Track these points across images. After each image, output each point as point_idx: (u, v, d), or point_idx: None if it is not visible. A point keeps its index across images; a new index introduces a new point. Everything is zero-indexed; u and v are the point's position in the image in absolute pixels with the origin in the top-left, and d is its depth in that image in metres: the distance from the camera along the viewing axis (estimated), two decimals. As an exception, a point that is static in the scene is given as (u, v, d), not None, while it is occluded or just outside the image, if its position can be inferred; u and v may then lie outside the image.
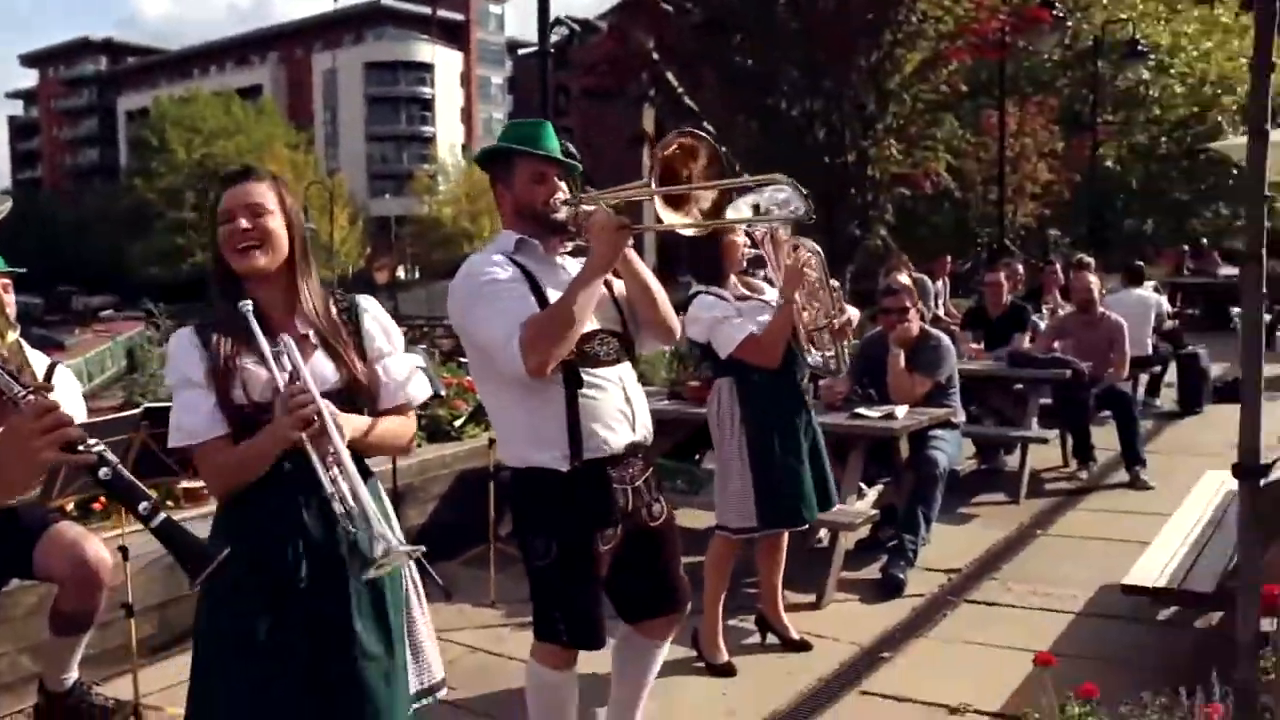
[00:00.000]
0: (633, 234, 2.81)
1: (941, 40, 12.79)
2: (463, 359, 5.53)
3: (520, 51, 72.27)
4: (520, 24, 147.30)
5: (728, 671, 4.25)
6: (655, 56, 13.55)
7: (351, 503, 2.15)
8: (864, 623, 4.76)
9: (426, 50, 73.03)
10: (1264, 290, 2.19)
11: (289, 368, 2.27)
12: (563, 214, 2.91)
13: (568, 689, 3.08)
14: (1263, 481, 2.32)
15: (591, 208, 2.87)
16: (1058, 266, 12.09)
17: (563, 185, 2.96)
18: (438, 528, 4.60)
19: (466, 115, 75.94)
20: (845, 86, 12.52)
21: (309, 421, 2.19)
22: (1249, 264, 2.20)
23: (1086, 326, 7.71)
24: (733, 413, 4.22)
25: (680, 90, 13.73)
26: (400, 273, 55.42)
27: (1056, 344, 7.68)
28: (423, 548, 2.23)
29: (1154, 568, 4.00)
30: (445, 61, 74.31)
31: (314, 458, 2.19)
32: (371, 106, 72.48)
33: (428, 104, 73.67)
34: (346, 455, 2.20)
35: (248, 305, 2.28)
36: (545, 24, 7.02)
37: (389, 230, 62.32)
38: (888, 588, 5.12)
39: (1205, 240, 22.19)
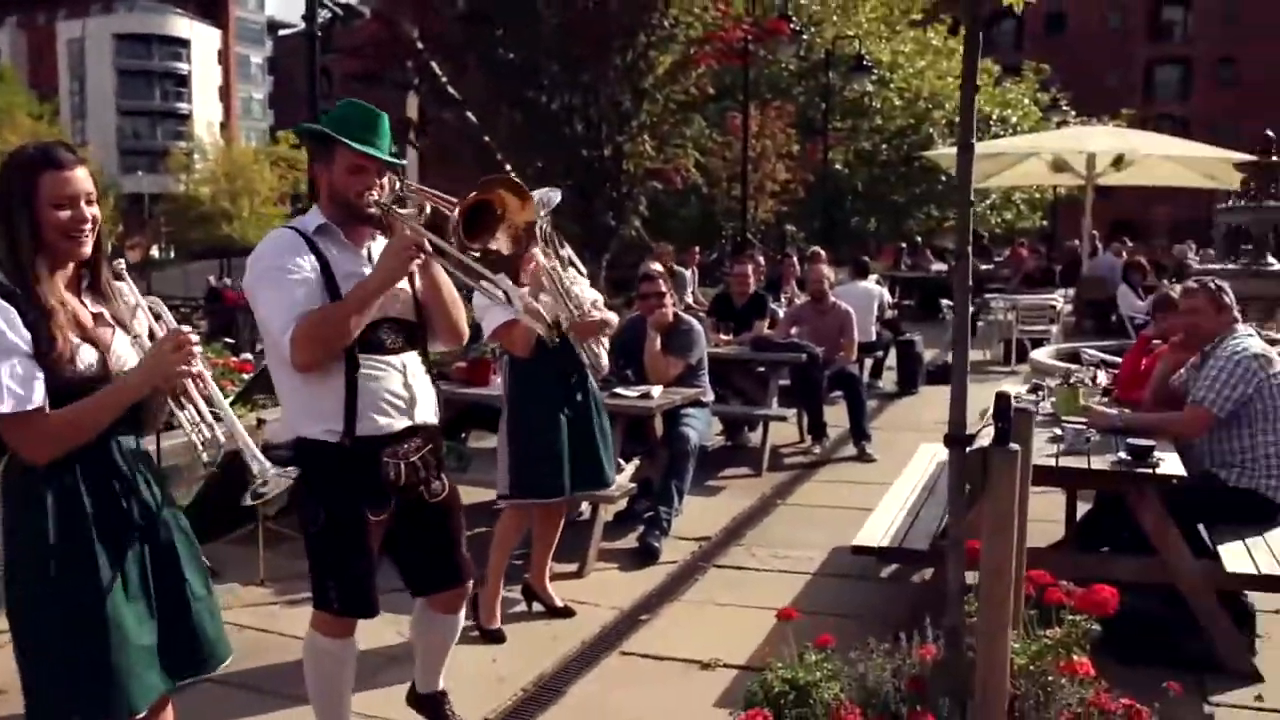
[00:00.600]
0: (424, 255, 2.91)
1: (691, 45, 13.36)
2: (228, 339, 5.47)
3: (281, 32, 69.58)
4: (280, 3, 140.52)
5: (499, 638, 4.46)
6: (420, 44, 13.45)
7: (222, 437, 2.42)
8: (623, 589, 5.07)
9: (182, 25, 69.81)
10: (970, 284, 2.57)
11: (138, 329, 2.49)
12: (374, 210, 2.97)
13: (344, 657, 3.17)
14: (967, 450, 2.71)
15: (405, 212, 2.95)
16: (794, 259, 12.93)
17: (383, 180, 3.00)
18: (205, 507, 4.55)
19: (224, 93, 72.94)
20: (602, 83, 12.84)
21: (191, 359, 2.37)
22: (959, 261, 2.57)
23: (819, 315, 8.38)
24: (505, 391, 4.48)
25: (444, 79, 13.68)
26: (155, 252, 52.10)
27: (793, 330, 8.32)
28: (296, 470, 2.53)
29: (878, 530, 4.47)
30: (202, 37, 71.13)
31: (192, 398, 2.44)
32: (123, 79, 68.37)
33: (183, 80, 70.60)
34: (216, 390, 2.39)
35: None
36: (312, 5, 6.94)
37: (142, 208, 58.48)
38: (645, 556, 5.47)
39: (919, 238, 24.15)
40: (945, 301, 15.16)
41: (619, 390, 5.74)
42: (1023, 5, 2.66)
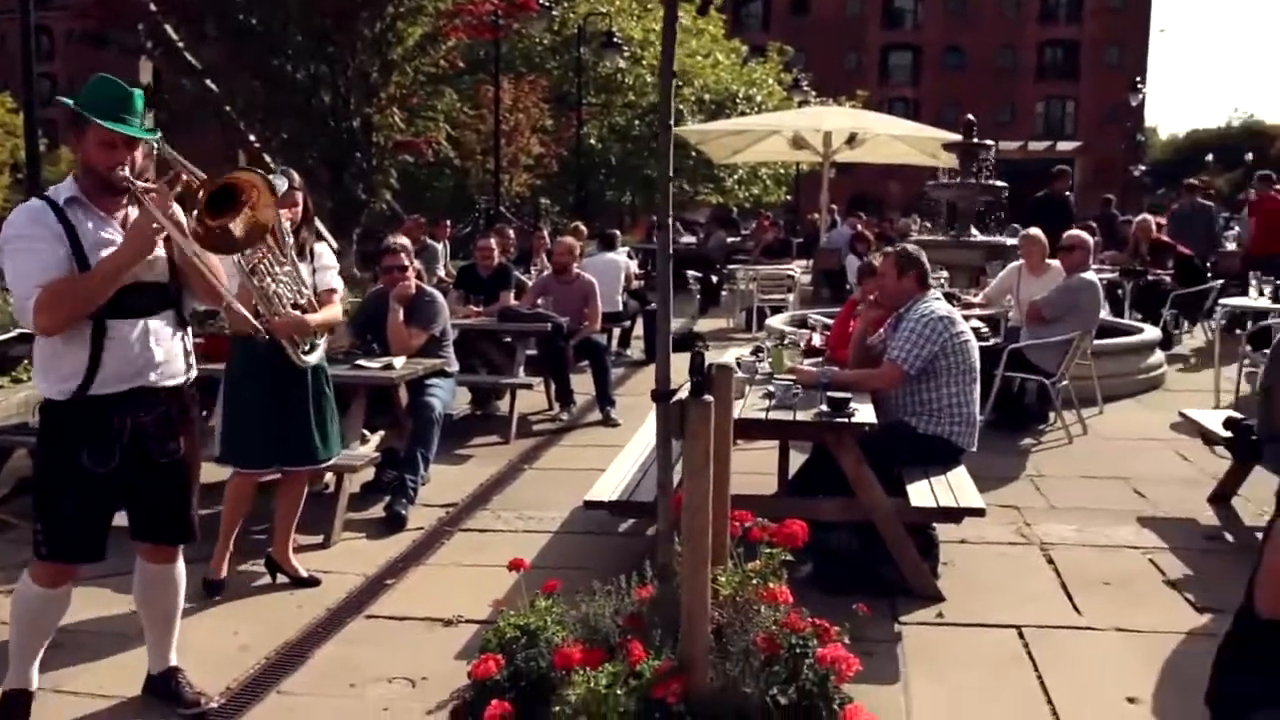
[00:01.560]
0: (164, 234, 3.07)
1: (441, 18, 13.32)
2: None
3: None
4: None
5: (218, 589, 4.58)
6: (153, 6, 12.76)
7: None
8: (370, 556, 5.15)
9: None
10: (670, 253, 2.81)
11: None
12: (124, 184, 3.08)
13: (50, 606, 3.29)
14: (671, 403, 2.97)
15: (152, 186, 3.09)
16: (545, 232, 13.15)
17: (134, 154, 3.12)
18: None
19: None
20: (350, 53, 12.63)
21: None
22: (660, 230, 2.81)
23: (564, 286, 8.63)
24: (225, 363, 4.72)
25: (180, 44, 13.06)
26: None
27: (539, 301, 8.53)
28: None
29: (609, 486, 4.75)
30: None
31: None
32: None
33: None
34: None
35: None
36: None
37: None
38: (391, 523, 5.56)
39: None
40: (691, 272, 15.80)
41: (361, 362, 5.78)
42: None
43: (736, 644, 2.91)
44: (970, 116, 10.65)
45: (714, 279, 16.58)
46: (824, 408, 4.38)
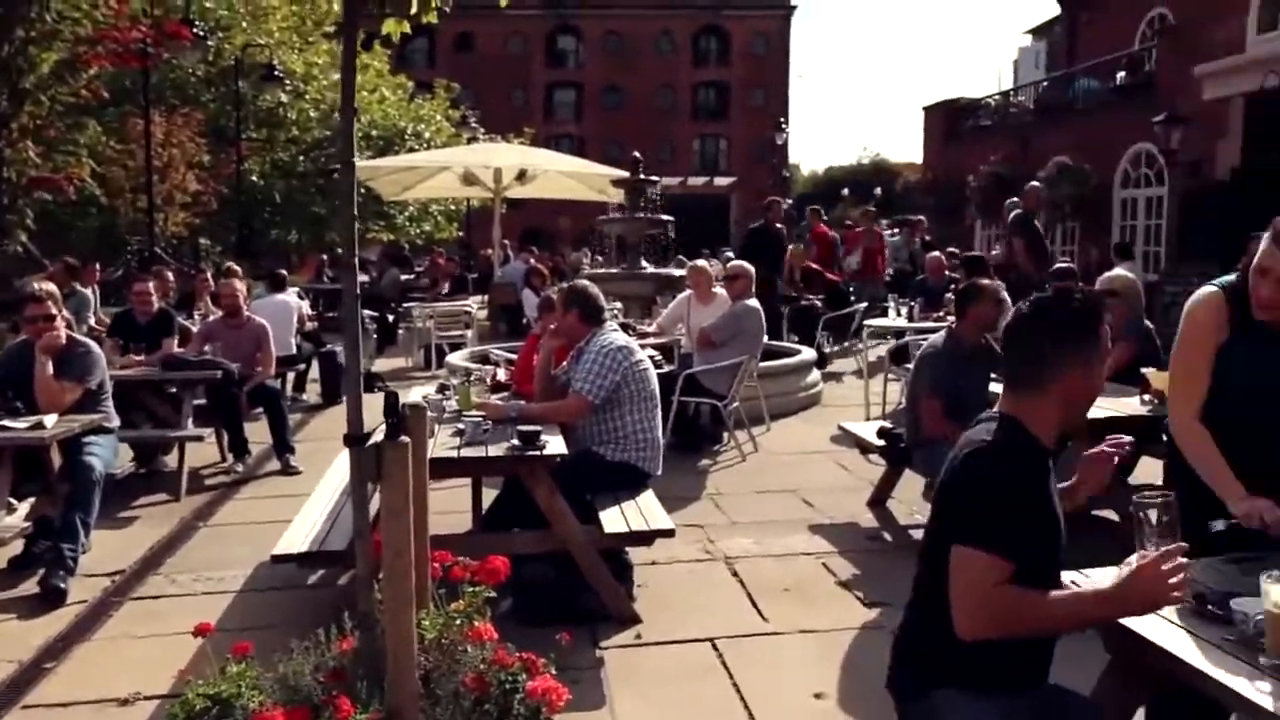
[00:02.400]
0: None
1: (80, 44, 12.29)
2: None
3: None
4: None
5: None
6: None
7: None
8: (23, 639, 4.63)
9: None
10: (358, 294, 2.75)
11: None
12: None
13: None
14: (365, 447, 2.89)
15: None
16: (208, 274, 12.43)
17: None
18: None
19: None
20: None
21: None
22: (345, 272, 2.74)
23: (234, 329, 8.18)
24: None
25: None
26: None
27: (207, 347, 8.04)
28: None
29: (297, 538, 4.54)
30: None
31: None
32: None
33: None
34: None
35: None
36: None
37: None
38: (48, 599, 5.02)
39: (340, 250, 24.23)
40: (367, 312, 15.44)
41: (6, 423, 5.22)
42: (407, 28, 2.86)
43: (445, 687, 2.86)
44: (637, 154, 11.13)
45: (390, 317, 16.28)
46: (515, 442, 4.42)
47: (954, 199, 22.48)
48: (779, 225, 13.28)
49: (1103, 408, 5.24)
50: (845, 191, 52.53)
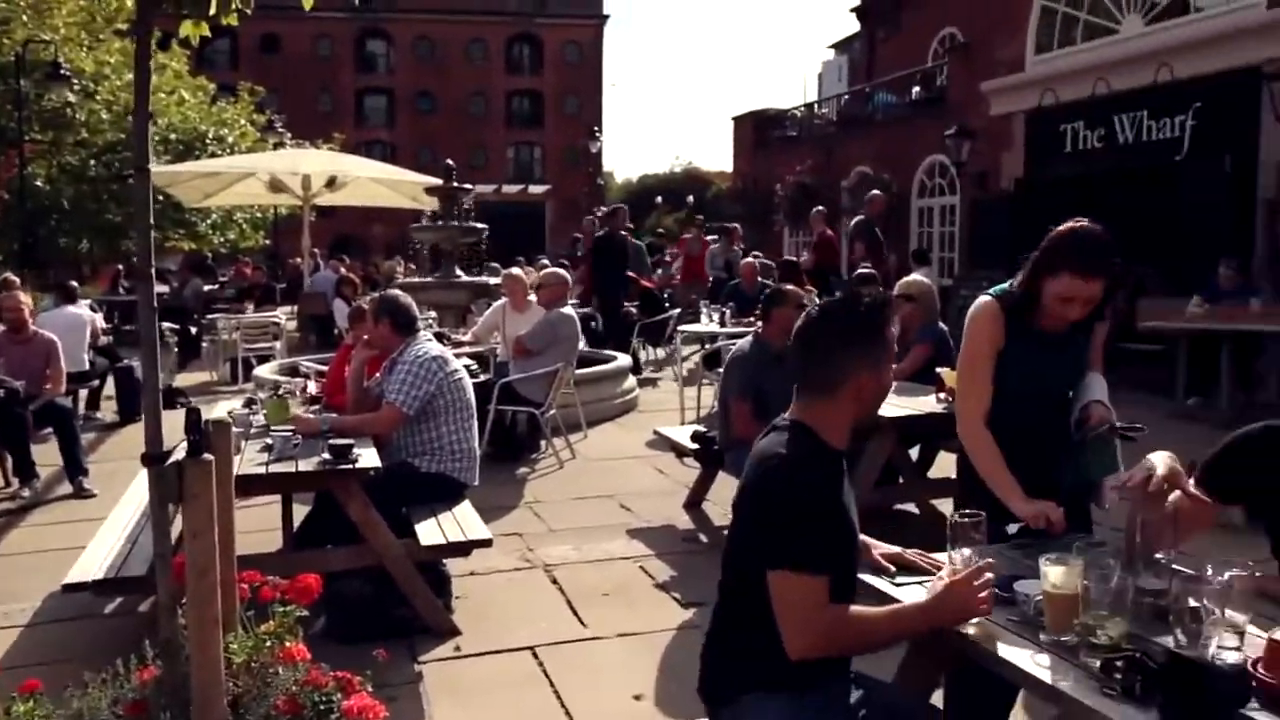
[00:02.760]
0: None
1: None
2: None
3: None
4: None
5: None
6: None
7: None
8: None
9: None
10: (155, 305, 2.62)
11: None
12: None
13: None
14: (165, 465, 2.77)
15: None
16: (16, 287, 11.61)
17: None
18: None
19: None
20: None
21: None
22: (141, 283, 2.62)
23: (20, 345, 7.68)
24: None
25: None
26: None
27: (-9, 364, 7.52)
28: None
29: (93, 564, 4.29)
30: None
31: None
32: None
33: None
34: None
35: None
36: None
37: None
38: None
39: (136, 259, 23.01)
40: (167, 324, 14.74)
41: None
42: (206, 30, 2.76)
43: (256, 712, 2.78)
44: (450, 161, 11.02)
45: (192, 329, 15.59)
46: (326, 456, 4.31)
47: (763, 207, 23.17)
48: (623, 233, 13.49)
49: (902, 406, 5.52)
50: (659, 199, 53.39)
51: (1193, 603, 2.05)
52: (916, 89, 20.42)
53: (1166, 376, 10.43)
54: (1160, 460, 2.60)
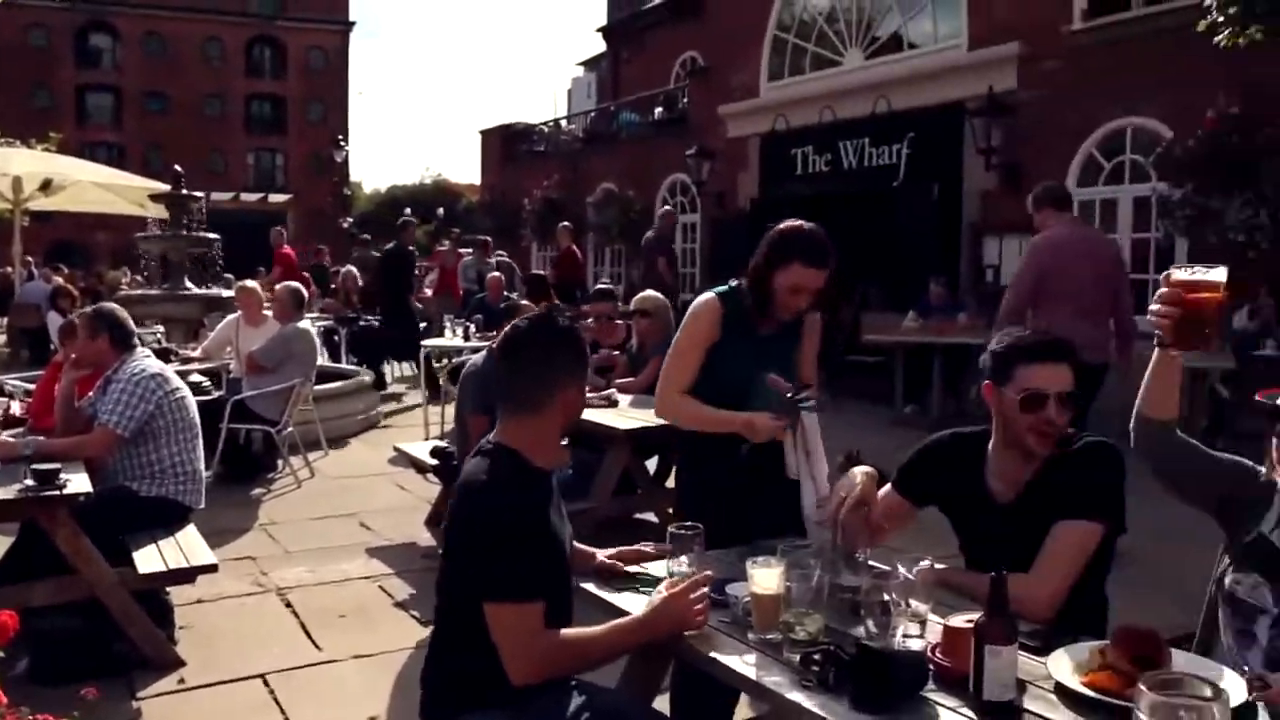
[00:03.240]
0: None
1: None
2: None
3: None
4: None
5: None
6: None
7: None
8: None
9: None
10: None
11: None
12: None
13: None
14: None
15: None
16: None
17: None
18: None
19: None
20: None
21: None
22: None
23: None
24: None
25: None
26: None
27: None
28: None
29: None
30: None
31: None
32: None
33: None
34: None
35: None
36: None
37: None
38: None
39: None
40: None
41: None
42: None
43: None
44: (178, 168, 10.45)
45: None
46: (30, 481, 4.00)
47: (511, 220, 23.21)
48: (411, 246, 13.30)
49: (637, 419, 5.69)
50: (408, 210, 52.62)
51: (884, 596, 2.20)
52: (659, 109, 21.01)
53: (887, 386, 11.19)
54: (859, 475, 2.79)
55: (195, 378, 8.83)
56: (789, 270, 3.20)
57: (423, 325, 13.39)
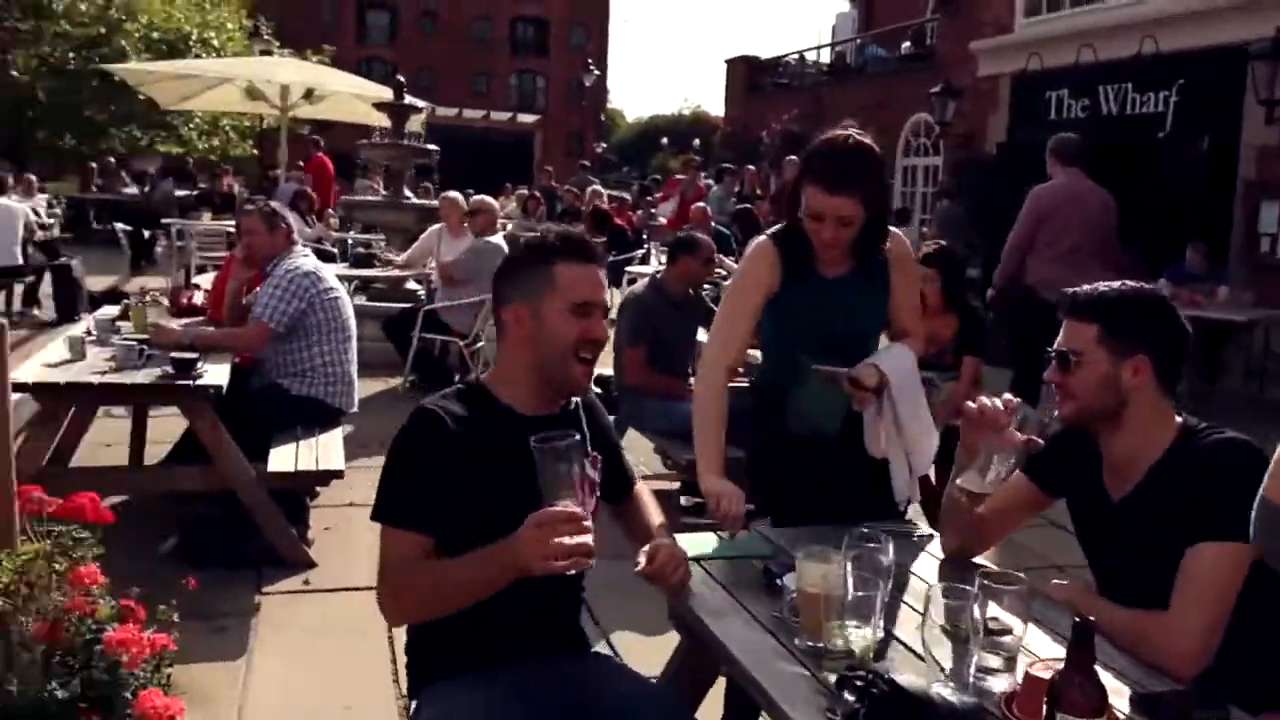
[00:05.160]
0: None
1: None
2: None
3: None
4: None
5: None
6: None
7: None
8: None
9: None
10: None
11: None
12: None
13: None
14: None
15: None
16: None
17: None
18: None
19: None
20: None
21: None
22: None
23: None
24: None
25: None
26: None
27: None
28: None
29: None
30: None
31: None
32: None
33: None
34: None
35: None
36: None
37: None
38: None
39: (114, 160, 22.63)
40: (120, 226, 14.48)
41: None
42: None
43: (10, 638, 2.59)
44: (400, 77, 10.67)
45: (146, 234, 15.28)
46: (168, 369, 4.08)
47: (750, 153, 22.74)
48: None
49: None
50: (664, 141, 52.66)
51: (977, 613, 1.76)
52: (906, 44, 19.89)
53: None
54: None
55: (410, 285, 9.07)
56: (807, 191, 2.68)
57: (639, 253, 13.27)
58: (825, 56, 25.16)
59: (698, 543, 2.48)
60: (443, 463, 2.01)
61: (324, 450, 4.49)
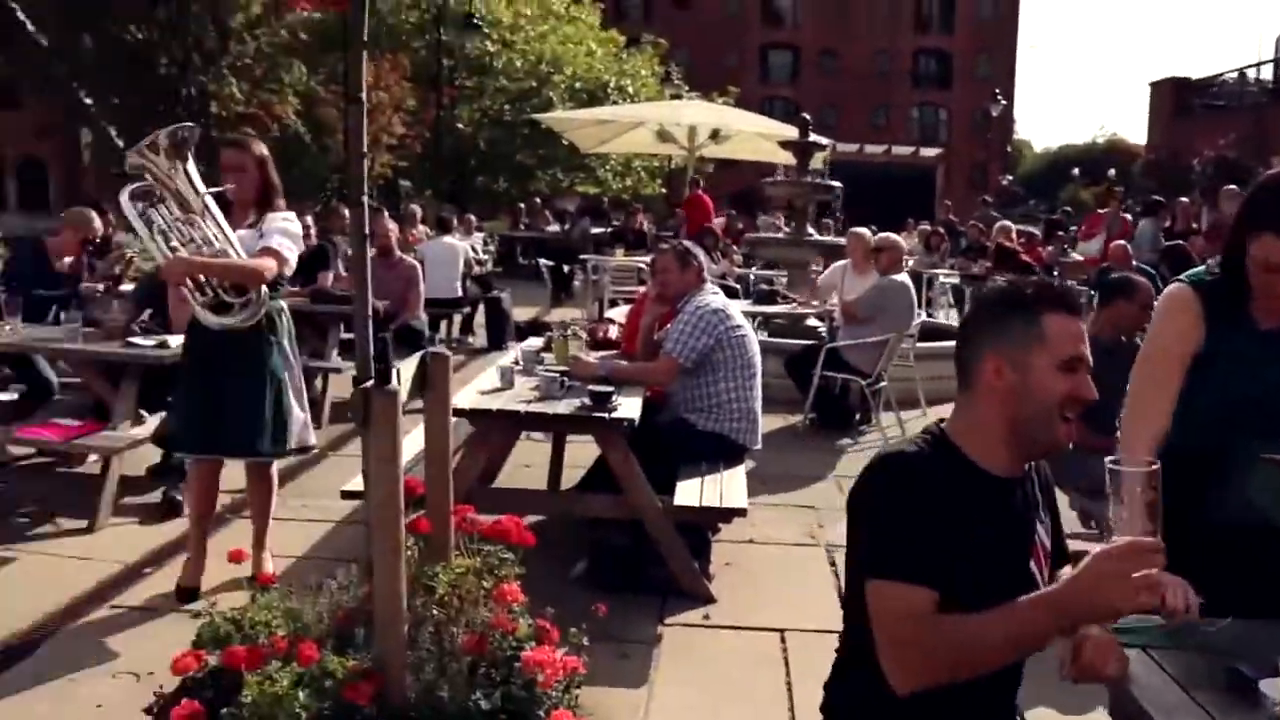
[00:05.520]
0: None
1: (285, -14, 12.86)
2: None
3: None
4: None
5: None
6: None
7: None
8: (135, 544, 4.90)
9: None
10: (367, 232, 2.62)
11: None
12: None
13: None
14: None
15: None
16: (385, 214, 12.84)
17: None
18: None
19: None
20: (185, 17, 12.09)
21: None
22: (353, 209, 2.62)
23: (386, 269, 8.35)
24: None
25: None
26: None
27: (360, 284, 8.25)
28: None
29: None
30: None
31: None
32: None
33: None
34: None
35: None
36: None
37: None
38: (167, 509, 5.31)
39: (539, 200, 24.69)
40: (543, 261, 15.66)
41: (135, 340, 5.48)
42: None
43: (443, 646, 2.79)
44: (804, 114, 10.72)
45: (565, 268, 16.44)
46: (586, 400, 4.27)
47: (1178, 183, 20.85)
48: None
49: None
50: (1075, 171, 49.65)
51: None
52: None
53: None
54: None
55: (812, 322, 9.06)
56: (1259, 241, 2.28)
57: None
58: (1267, 73, 22.55)
59: (1130, 623, 2.18)
60: (937, 516, 1.84)
61: (728, 486, 4.53)
